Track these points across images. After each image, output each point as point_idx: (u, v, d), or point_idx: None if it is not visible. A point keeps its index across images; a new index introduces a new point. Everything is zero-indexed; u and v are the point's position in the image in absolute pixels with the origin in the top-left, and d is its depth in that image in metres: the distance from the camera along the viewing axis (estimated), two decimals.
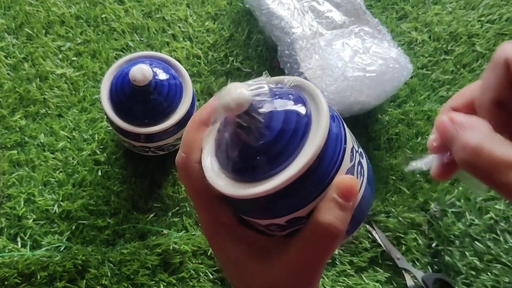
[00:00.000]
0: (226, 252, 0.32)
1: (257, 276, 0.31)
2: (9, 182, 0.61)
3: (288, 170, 0.26)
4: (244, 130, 0.27)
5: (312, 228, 0.28)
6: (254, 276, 0.31)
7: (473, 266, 0.58)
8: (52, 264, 0.55)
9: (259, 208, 0.29)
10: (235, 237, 0.32)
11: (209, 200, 0.31)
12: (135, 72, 0.52)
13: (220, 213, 0.32)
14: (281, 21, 0.64)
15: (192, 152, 0.31)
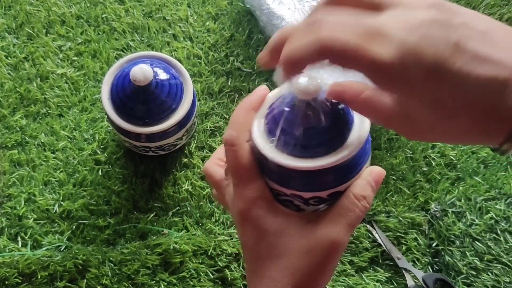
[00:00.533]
0: (265, 224, 0.35)
1: (296, 240, 0.34)
2: (10, 181, 0.61)
3: (345, 149, 0.32)
4: (314, 112, 0.32)
5: (348, 200, 0.34)
6: (293, 240, 0.34)
7: (473, 266, 0.58)
8: (52, 263, 0.55)
9: (311, 181, 0.33)
10: (274, 210, 0.35)
11: (252, 176, 0.35)
12: (135, 72, 0.52)
13: (263, 188, 0.35)
14: (282, 21, 0.64)
15: (242, 131, 0.35)
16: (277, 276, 0.35)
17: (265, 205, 0.35)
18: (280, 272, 0.35)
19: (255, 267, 0.37)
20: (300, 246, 0.34)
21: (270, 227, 0.35)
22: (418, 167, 0.63)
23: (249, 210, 0.35)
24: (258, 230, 0.35)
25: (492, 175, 0.63)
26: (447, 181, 0.63)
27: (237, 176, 0.36)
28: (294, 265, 0.35)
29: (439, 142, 0.36)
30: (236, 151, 0.36)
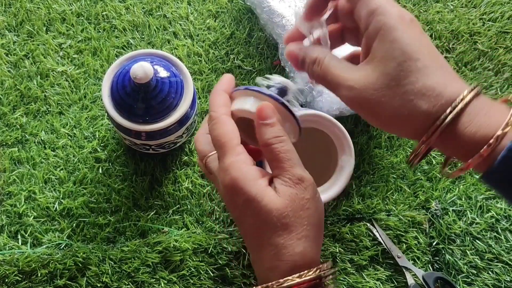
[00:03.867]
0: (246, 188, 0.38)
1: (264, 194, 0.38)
2: (10, 179, 0.61)
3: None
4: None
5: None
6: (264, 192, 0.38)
7: (474, 265, 0.58)
8: (52, 261, 0.55)
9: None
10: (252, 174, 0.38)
11: (231, 143, 0.39)
12: (136, 70, 0.51)
13: (242, 153, 0.39)
14: (282, 19, 0.64)
15: (218, 107, 0.40)
16: (277, 239, 0.37)
17: (245, 170, 0.37)
18: (273, 234, 0.37)
19: (255, 237, 0.38)
20: (281, 203, 0.37)
21: (252, 192, 0.37)
22: (418, 165, 0.63)
23: (232, 179, 0.38)
24: (243, 197, 0.37)
25: None
26: (448, 180, 0.63)
27: (218, 147, 0.39)
28: (282, 222, 0.37)
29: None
30: (215, 123, 0.39)
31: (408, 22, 0.35)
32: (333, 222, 0.60)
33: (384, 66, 0.35)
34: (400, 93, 0.34)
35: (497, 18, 0.72)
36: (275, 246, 0.37)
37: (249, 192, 0.37)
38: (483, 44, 0.71)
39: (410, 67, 0.34)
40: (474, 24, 0.72)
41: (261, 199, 0.37)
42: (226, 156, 0.38)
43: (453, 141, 0.34)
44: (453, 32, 0.71)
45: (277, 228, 0.37)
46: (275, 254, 0.37)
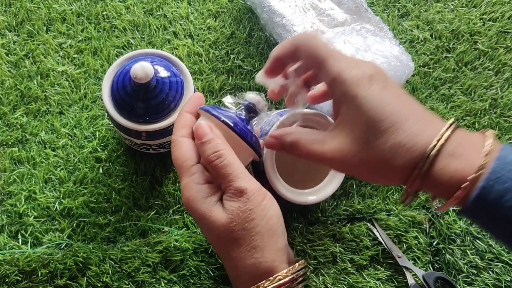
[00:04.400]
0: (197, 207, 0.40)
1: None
2: (10, 179, 0.61)
3: None
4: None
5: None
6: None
7: (474, 265, 0.58)
8: (53, 261, 0.55)
9: None
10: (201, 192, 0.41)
11: (186, 165, 0.41)
12: (136, 70, 0.51)
13: (195, 173, 0.41)
14: (283, 19, 0.64)
15: (178, 130, 0.43)
16: (231, 252, 0.39)
17: (195, 190, 0.40)
18: (227, 246, 0.39)
19: (216, 250, 0.41)
20: (224, 217, 0.39)
21: (201, 211, 0.39)
22: None
23: (187, 199, 0.40)
24: (197, 215, 0.40)
25: None
26: None
27: (176, 167, 0.42)
28: (233, 235, 0.39)
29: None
30: (173, 146, 0.42)
31: (367, 83, 0.37)
32: (333, 222, 0.60)
33: (354, 132, 0.37)
34: (375, 155, 0.36)
35: (497, 18, 0.72)
36: (232, 260, 0.39)
37: (199, 210, 0.39)
38: (483, 44, 0.71)
39: (379, 129, 0.36)
40: (475, 24, 0.72)
41: (209, 216, 0.39)
42: (182, 177, 0.41)
43: (433, 186, 0.36)
44: (454, 32, 0.71)
45: (228, 243, 0.39)
46: (233, 267, 0.39)
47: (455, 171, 0.34)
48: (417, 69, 0.69)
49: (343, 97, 0.38)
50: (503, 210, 0.33)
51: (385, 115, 0.36)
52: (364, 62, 0.39)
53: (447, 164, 0.35)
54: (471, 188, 0.34)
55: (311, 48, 0.40)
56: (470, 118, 0.66)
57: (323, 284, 0.57)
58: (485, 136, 0.36)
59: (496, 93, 0.68)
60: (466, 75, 0.69)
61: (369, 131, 0.36)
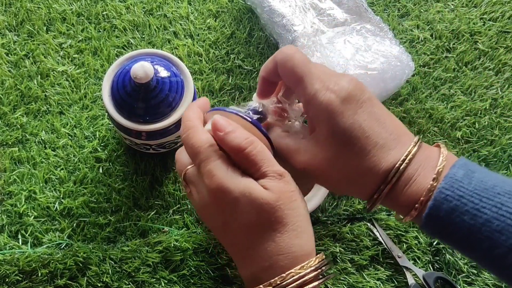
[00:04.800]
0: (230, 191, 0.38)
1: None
2: (10, 179, 0.61)
3: None
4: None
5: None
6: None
7: (474, 265, 0.58)
8: (53, 261, 0.55)
9: None
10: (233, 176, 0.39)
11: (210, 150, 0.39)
12: (136, 70, 0.51)
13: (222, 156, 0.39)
14: (283, 19, 0.64)
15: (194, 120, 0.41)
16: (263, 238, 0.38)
17: (227, 168, 0.38)
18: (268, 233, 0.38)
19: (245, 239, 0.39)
20: (270, 195, 0.38)
21: (239, 189, 0.37)
22: None
23: (219, 178, 0.38)
24: (232, 195, 0.37)
25: None
26: None
27: (195, 154, 0.39)
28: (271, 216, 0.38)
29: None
30: (189, 132, 0.40)
31: (340, 107, 0.38)
32: (333, 222, 0.60)
33: (326, 152, 0.39)
34: (344, 175, 0.39)
35: (497, 18, 0.72)
36: (272, 241, 0.37)
37: (237, 189, 0.37)
38: (483, 43, 0.71)
39: (349, 152, 0.38)
40: (475, 23, 0.72)
41: (250, 194, 0.37)
42: (206, 162, 0.38)
43: (393, 205, 0.39)
44: (454, 32, 0.71)
45: (271, 223, 0.37)
46: (272, 250, 0.37)
47: (411, 193, 0.37)
48: (417, 69, 0.69)
49: (317, 118, 0.39)
50: (453, 225, 0.35)
51: (356, 139, 0.38)
52: (341, 79, 0.39)
53: (404, 188, 0.38)
54: (423, 209, 0.37)
55: (288, 68, 0.40)
56: (470, 118, 0.66)
57: (323, 284, 0.57)
58: (441, 152, 0.38)
59: (496, 93, 0.68)
60: (466, 75, 0.69)
61: (340, 153, 0.38)
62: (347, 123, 0.38)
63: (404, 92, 0.68)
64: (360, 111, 0.38)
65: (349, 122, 0.38)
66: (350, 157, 0.38)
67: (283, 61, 0.41)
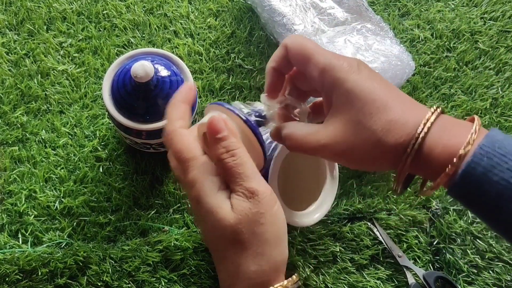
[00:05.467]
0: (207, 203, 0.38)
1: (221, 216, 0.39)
2: (10, 178, 0.61)
3: None
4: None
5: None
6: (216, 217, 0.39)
7: (474, 264, 0.58)
8: (53, 260, 0.55)
9: None
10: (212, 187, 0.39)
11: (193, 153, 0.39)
12: (136, 69, 0.51)
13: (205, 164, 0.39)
14: (283, 18, 0.64)
15: (174, 121, 0.41)
16: (229, 253, 0.37)
17: (206, 182, 0.38)
18: (229, 248, 0.37)
19: (213, 250, 0.39)
20: (234, 217, 0.37)
21: (210, 205, 0.37)
22: None
23: (195, 193, 0.38)
24: (203, 210, 0.37)
25: None
26: None
27: (180, 161, 0.39)
28: (238, 237, 0.37)
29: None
30: (172, 138, 0.39)
31: (356, 69, 0.38)
32: (333, 222, 0.60)
33: (347, 115, 0.37)
34: (368, 136, 0.37)
35: (498, 17, 0.72)
36: (232, 263, 0.37)
37: (208, 204, 0.37)
38: (484, 43, 0.70)
39: (370, 110, 0.36)
40: (475, 23, 0.72)
41: (217, 213, 0.37)
42: (189, 170, 0.38)
43: (424, 164, 0.36)
44: (454, 31, 0.71)
45: (232, 245, 0.37)
46: (232, 272, 0.37)
47: (445, 147, 0.35)
48: (417, 69, 0.69)
49: (333, 84, 0.38)
50: (489, 184, 0.33)
51: (376, 95, 0.37)
52: (348, 57, 0.40)
53: (437, 141, 0.35)
54: (460, 164, 0.34)
55: (298, 44, 0.41)
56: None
57: (323, 283, 0.57)
58: (473, 120, 0.37)
59: (496, 92, 0.68)
60: (466, 75, 0.69)
61: (361, 112, 0.37)
62: (367, 81, 0.37)
63: (405, 91, 0.68)
64: (375, 77, 0.38)
65: (369, 81, 0.37)
66: (373, 114, 0.36)
67: (293, 42, 0.41)
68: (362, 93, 0.37)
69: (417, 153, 0.35)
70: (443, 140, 0.35)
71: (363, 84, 0.37)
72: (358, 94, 0.37)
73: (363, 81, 0.37)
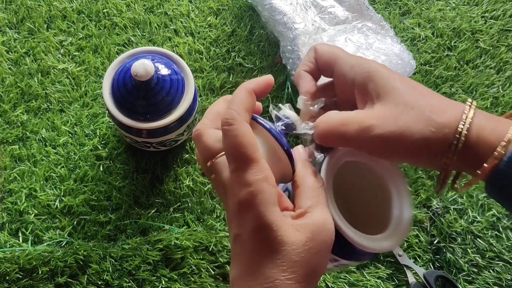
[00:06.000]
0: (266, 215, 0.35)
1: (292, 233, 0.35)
2: (11, 177, 0.61)
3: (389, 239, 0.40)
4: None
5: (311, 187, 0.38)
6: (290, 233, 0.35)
7: (475, 263, 0.58)
8: (53, 259, 0.55)
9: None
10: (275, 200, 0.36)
11: (255, 157, 0.35)
12: (137, 67, 0.51)
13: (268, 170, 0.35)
14: (284, 16, 0.64)
15: (242, 110, 0.35)
16: (272, 272, 0.33)
17: (269, 192, 0.34)
18: (276, 268, 0.34)
19: (253, 263, 0.35)
20: (297, 238, 0.34)
21: (270, 218, 0.33)
22: None
23: (251, 198, 0.33)
24: (257, 220, 0.34)
25: None
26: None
27: (237, 158, 0.34)
28: (291, 259, 0.34)
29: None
30: (236, 129, 0.34)
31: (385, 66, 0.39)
32: None
33: (390, 98, 0.36)
34: (418, 112, 0.35)
35: (499, 16, 0.72)
36: (271, 282, 0.34)
37: (265, 218, 0.33)
38: (485, 42, 0.70)
39: (413, 93, 0.36)
40: (476, 22, 0.72)
41: (277, 229, 0.34)
42: (248, 171, 0.34)
43: (471, 150, 0.35)
44: (455, 30, 0.71)
45: (283, 262, 0.34)
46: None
47: (493, 131, 0.34)
48: (418, 67, 0.69)
49: (368, 73, 0.38)
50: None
51: (414, 85, 0.37)
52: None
53: (484, 125, 0.35)
54: (508, 147, 0.33)
55: (326, 45, 0.42)
56: None
57: (324, 282, 0.57)
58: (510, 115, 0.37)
59: (497, 91, 0.68)
60: (467, 74, 0.69)
61: (406, 94, 0.36)
62: (396, 78, 0.37)
63: None
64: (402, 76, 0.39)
65: (398, 77, 0.38)
66: (418, 96, 0.36)
67: (322, 44, 0.42)
68: (401, 80, 0.37)
69: (464, 143, 0.34)
70: (490, 124, 0.35)
71: (398, 76, 0.38)
72: (397, 79, 0.37)
73: (396, 74, 0.38)
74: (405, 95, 0.36)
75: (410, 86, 0.37)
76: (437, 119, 0.35)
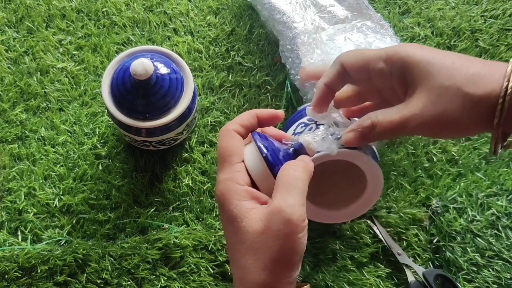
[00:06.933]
0: (231, 207, 0.39)
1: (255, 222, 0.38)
2: (10, 176, 0.61)
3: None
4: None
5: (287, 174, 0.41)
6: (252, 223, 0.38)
7: (474, 262, 0.58)
8: (52, 258, 0.55)
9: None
10: (240, 194, 0.40)
11: (231, 159, 0.41)
12: (136, 66, 0.51)
13: (238, 172, 0.40)
14: (283, 16, 0.64)
15: (235, 123, 0.42)
16: (246, 262, 0.37)
17: (234, 189, 0.39)
18: (244, 255, 0.37)
19: (231, 253, 0.40)
20: (256, 227, 0.37)
21: (235, 211, 0.38)
22: (419, 162, 0.63)
23: (220, 194, 0.39)
24: (226, 213, 0.39)
25: (494, 171, 0.63)
26: (449, 177, 0.62)
27: (218, 159, 0.41)
28: (253, 246, 0.37)
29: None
30: (222, 135, 0.41)
31: (417, 45, 0.40)
32: None
33: (428, 85, 0.38)
34: (453, 93, 0.37)
35: (498, 15, 0.72)
36: (242, 269, 0.38)
37: (231, 211, 0.38)
38: (484, 41, 0.70)
39: (449, 71, 0.37)
40: (476, 21, 0.71)
41: (241, 220, 0.38)
42: (223, 170, 0.40)
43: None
44: (455, 29, 0.71)
45: (248, 250, 0.38)
46: (240, 277, 0.38)
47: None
48: None
49: (402, 63, 0.39)
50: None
51: (451, 58, 0.38)
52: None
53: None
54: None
55: (352, 53, 0.43)
56: None
57: (323, 281, 0.57)
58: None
59: None
60: None
61: (441, 76, 0.37)
62: (431, 50, 0.38)
63: None
64: (434, 48, 0.40)
65: (435, 52, 0.38)
66: (454, 72, 0.37)
67: (347, 55, 0.43)
68: (434, 59, 0.38)
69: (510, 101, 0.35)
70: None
71: (432, 53, 0.38)
72: (431, 61, 0.38)
73: (430, 51, 0.38)
74: (440, 76, 0.37)
75: (445, 63, 0.37)
76: (476, 92, 0.36)
